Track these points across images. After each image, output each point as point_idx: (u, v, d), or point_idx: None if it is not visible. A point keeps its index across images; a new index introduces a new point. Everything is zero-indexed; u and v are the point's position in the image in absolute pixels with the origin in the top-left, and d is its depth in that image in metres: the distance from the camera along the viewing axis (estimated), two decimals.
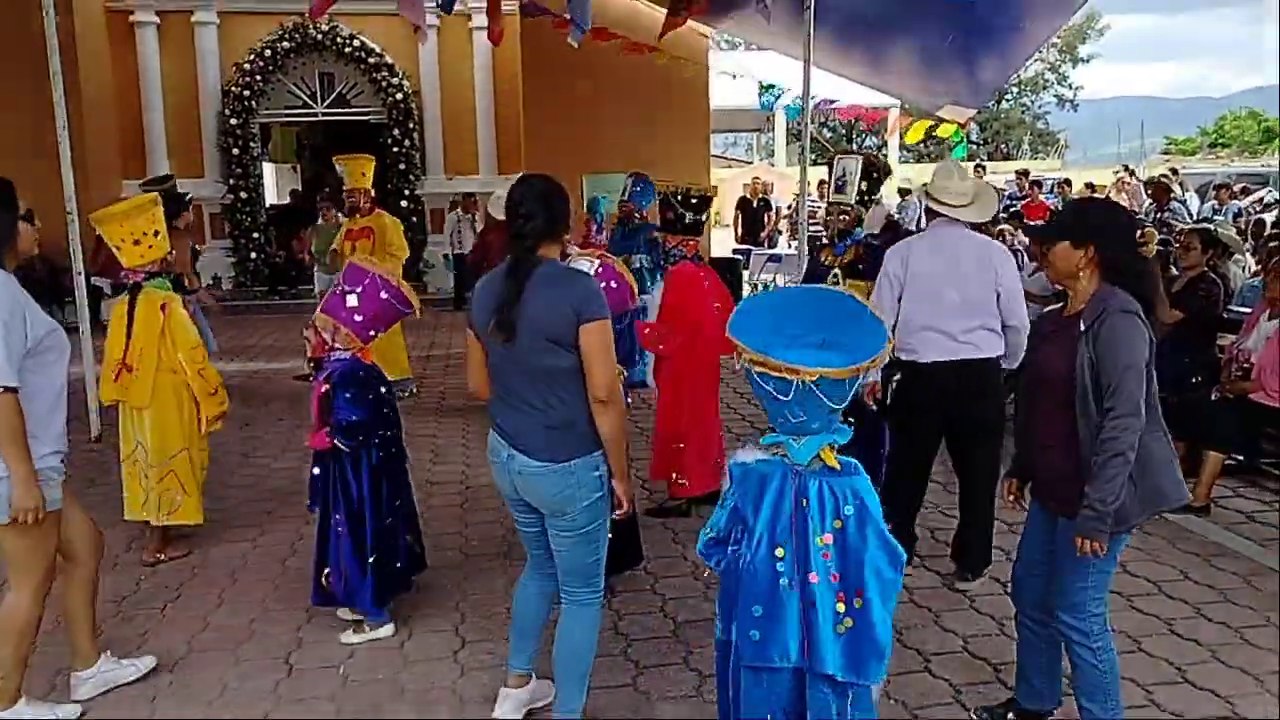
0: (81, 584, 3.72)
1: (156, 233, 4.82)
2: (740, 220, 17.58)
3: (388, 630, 4.23)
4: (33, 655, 3.59)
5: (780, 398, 2.51)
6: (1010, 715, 3.43)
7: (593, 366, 3.09)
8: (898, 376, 4.70)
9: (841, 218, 5.68)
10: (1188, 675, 3.79)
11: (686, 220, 5.57)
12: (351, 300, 4.09)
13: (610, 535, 3.36)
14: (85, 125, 12.61)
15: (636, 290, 4.66)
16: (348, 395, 4.06)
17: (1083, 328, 2.98)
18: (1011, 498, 3.39)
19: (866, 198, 5.94)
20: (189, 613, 4.49)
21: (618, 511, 3.28)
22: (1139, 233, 3.21)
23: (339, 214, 9.35)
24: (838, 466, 2.60)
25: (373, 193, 8.63)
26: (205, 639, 4.23)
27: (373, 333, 4.18)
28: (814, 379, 2.46)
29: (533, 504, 3.24)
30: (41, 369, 3.33)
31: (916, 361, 4.51)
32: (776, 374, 2.48)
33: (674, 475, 5.59)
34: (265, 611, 4.48)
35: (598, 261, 4.37)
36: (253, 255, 14.95)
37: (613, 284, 4.30)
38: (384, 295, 4.11)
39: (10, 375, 3.17)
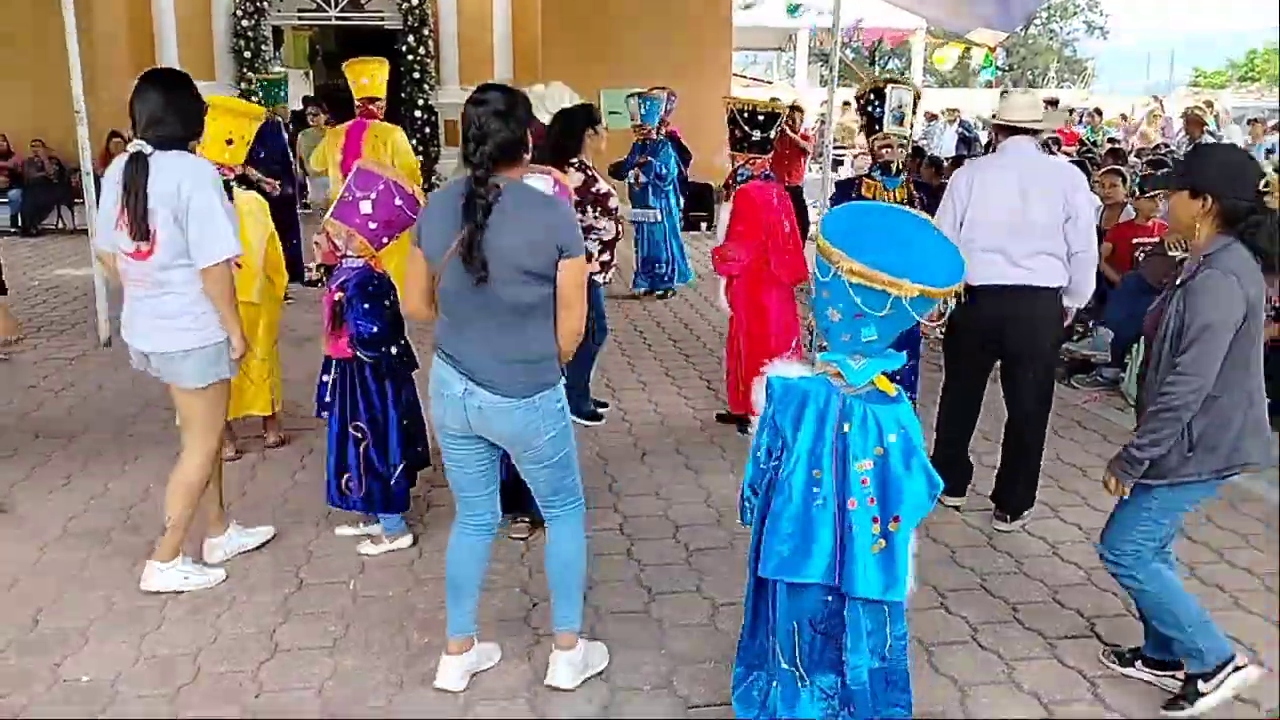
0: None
1: (245, 140, 5.04)
2: None
3: (406, 541, 4.23)
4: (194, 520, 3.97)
5: (867, 312, 2.45)
6: (1138, 663, 3.36)
7: (571, 304, 2.94)
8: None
9: (900, 150, 5.40)
10: None
11: (754, 138, 5.45)
12: (365, 206, 3.99)
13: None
14: (94, 25, 12.31)
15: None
16: (365, 307, 4.00)
17: (1179, 282, 2.92)
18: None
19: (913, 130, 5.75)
20: (200, 522, 4.44)
21: None
22: (1262, 181, 3.04)
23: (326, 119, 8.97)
24: (892, 391, 2.58)
25: (369, 102, 7.37)
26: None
27: (386, 240, 4.11)
28: (914, 295, 2.41)
29: (490, 439, 3.06)
30: None
31: (969, 283, 4.33)
32: (878, 287, 2.41)
33: None
34: (275, 524, 4.44)
35: (550, 179, 4.19)
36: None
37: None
38: (397, 202, 4.01)
39: (238, 245, 3.68)
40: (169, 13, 14.21)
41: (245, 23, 14.19)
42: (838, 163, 10.94)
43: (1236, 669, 3.11)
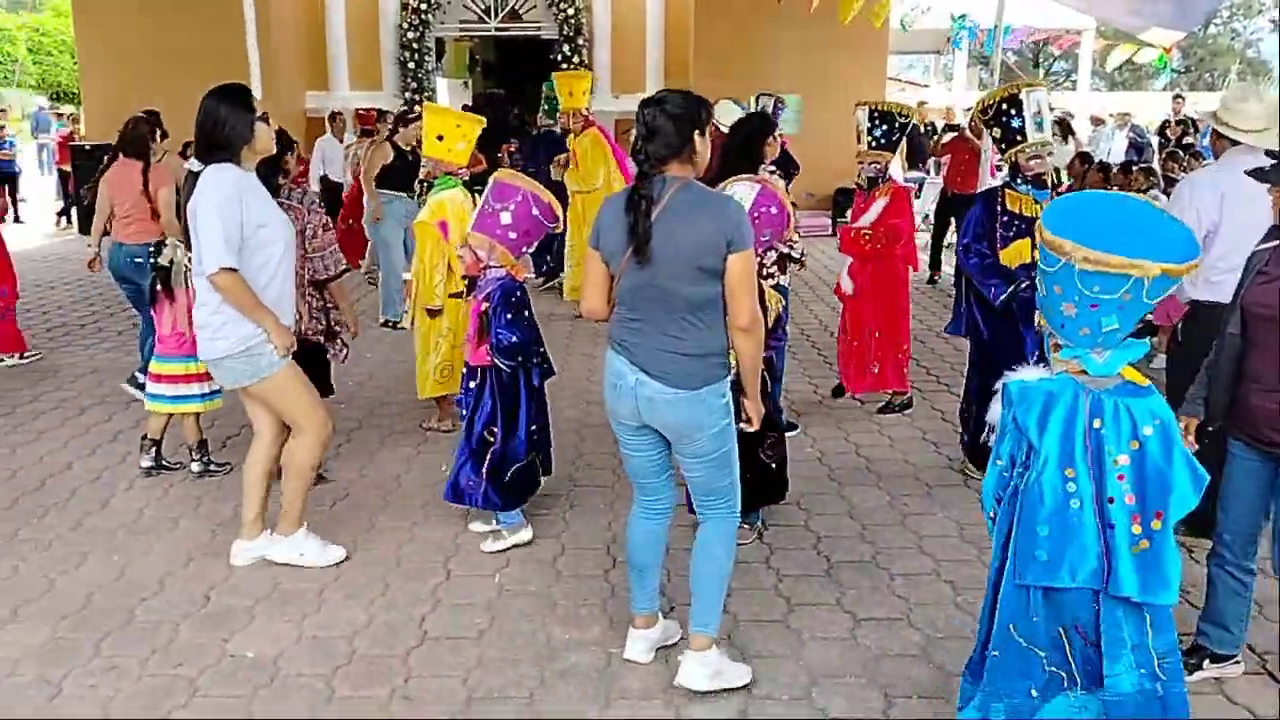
0: (260, 459, 4.12)
1: (469, 140, 5.36)
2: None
3: (526, 534, 4.32)
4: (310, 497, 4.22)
5: (1103, 300, 2.38)
6: (1205, 661, 3.31)
7: (738, 297, 3.02)
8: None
9: (1049, 159, 4.95)
10: None
11: (894, 137, 5.89)
12: (505, 218, 4.10)
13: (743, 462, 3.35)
14: (272, 38, 13.05)
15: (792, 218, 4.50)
16: (508, 317, 4.12)
17: None
18: (1192, 437, 3.27)
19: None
20: (356, 511, 4.66)
21: (746, 426, 3.27)
22: None
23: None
24: (1143, 381, 2.51)
25: (585, 112, 8.43)
26: (370, 538, 4.39)
27: (525, 249, 4.23)
28: (1155, 275, 2.33)
29: (657, 429, 3.18)
30: (256, 253, 3.75)
31: (1219, 302, 3.88)
32: (1117, 270, 2.33)
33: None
34: (426, 517, 4.62)
35: (758, 185, 4.17)
36: None
37: (772, 209, 4.12)
38: (534, 211, 4.12)
39: (227, 257, 3.62)
40: (340, 26, 14.97)
41: (410, 34, 14.81)
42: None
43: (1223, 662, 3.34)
